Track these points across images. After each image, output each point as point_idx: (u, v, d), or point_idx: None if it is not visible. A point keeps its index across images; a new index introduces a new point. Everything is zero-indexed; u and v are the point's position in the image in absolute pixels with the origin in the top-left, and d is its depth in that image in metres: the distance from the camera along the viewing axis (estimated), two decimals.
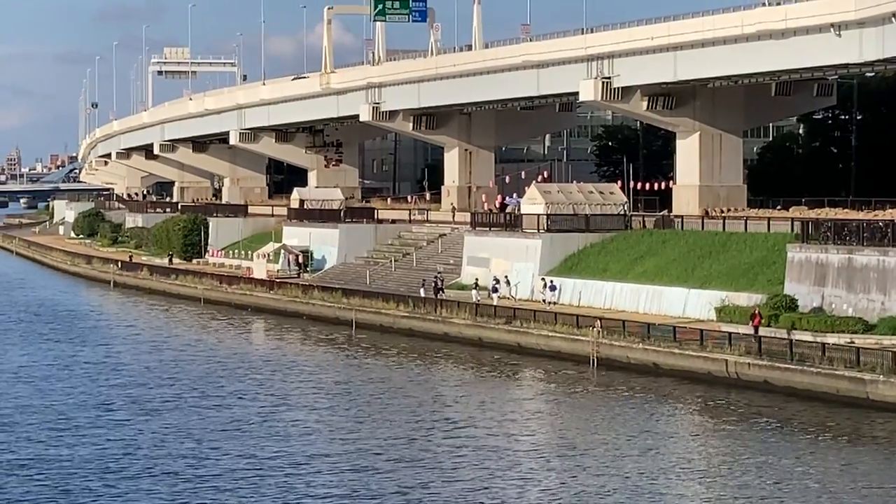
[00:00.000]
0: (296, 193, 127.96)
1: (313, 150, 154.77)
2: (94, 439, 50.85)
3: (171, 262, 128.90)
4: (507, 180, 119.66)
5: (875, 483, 43.44)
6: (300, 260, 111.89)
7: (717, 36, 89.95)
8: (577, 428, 53.54)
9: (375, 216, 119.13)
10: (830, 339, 61.63)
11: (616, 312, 77.82)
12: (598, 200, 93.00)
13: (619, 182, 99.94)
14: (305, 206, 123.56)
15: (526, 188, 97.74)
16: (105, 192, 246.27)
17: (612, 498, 41.68)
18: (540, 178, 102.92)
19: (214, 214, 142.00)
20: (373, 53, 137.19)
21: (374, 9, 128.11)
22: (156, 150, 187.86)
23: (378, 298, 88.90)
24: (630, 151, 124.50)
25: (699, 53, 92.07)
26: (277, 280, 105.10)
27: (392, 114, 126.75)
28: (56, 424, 53.92)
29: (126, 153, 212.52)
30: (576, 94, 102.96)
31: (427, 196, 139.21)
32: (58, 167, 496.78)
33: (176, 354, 77.00)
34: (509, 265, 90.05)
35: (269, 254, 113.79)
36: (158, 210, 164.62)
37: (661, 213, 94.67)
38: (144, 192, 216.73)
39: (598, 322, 70.27)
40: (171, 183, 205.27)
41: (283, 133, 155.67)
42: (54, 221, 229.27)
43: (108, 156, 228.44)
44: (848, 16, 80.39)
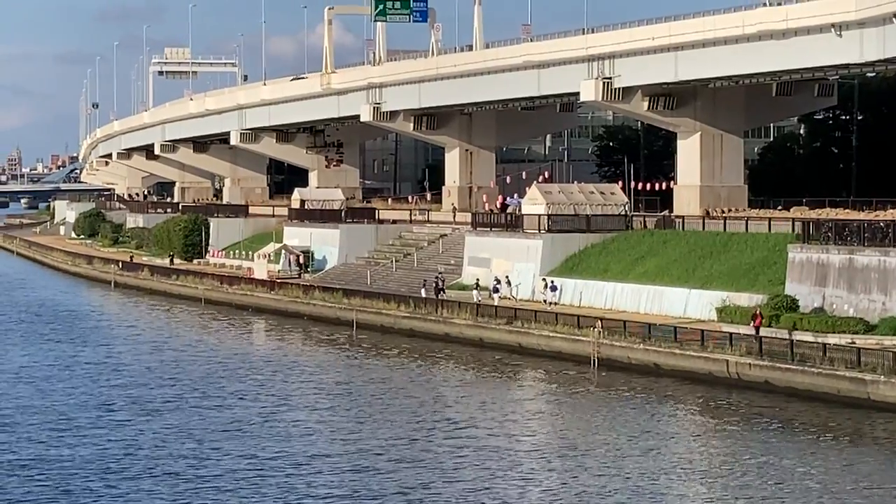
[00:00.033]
0: (296, 194, 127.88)
1: (314, 151, 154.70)
2: (95, 440, 50.85)
3: (173, 262, 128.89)
4: (508, 181, 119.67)
5: (876, 483, 43.44)
6: (301, 260, 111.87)
7: (717, 36, 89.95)
8: (578, 428, 53.55)
9: (376, 216, 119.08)
10: (831, 339, 61.61)
11: (617, 313, 77.80)
12: (599, 201, 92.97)
13: (619, 182, 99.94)
14: (306, 207, 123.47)
15: (527, 188, 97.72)
16: (106, 193, 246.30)
17: (613, 498, 41.68)
18: (541, 179, 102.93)
19: (215, 215, 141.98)
20: (373, 54, 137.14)
21: (375, 9, 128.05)
22: (156, 151, 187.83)
23: (379, 299, 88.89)
24: (631, 152, 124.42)
25: (700, 54, 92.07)
26: (278, 280, 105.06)
27: (393, 114, 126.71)
28: (57, 425, 53.93)
29: (127, 153, 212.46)
30: (577, 94, 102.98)
31: (428, 196, 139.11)
32: (58, 167, 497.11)
33: (177, 355, 77.00)
34: (510, 265, 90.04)
35: (269, 254, 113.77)
36: (159, 210, 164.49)
37: (661, 214, 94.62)
38: (145, 193, 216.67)
39: (599, 322, 70.26)
40: (172, 183, 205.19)
41: (283, 133, 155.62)
42: (55, 222, 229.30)
43: (109, 156, 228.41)
44: (849, 16, 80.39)
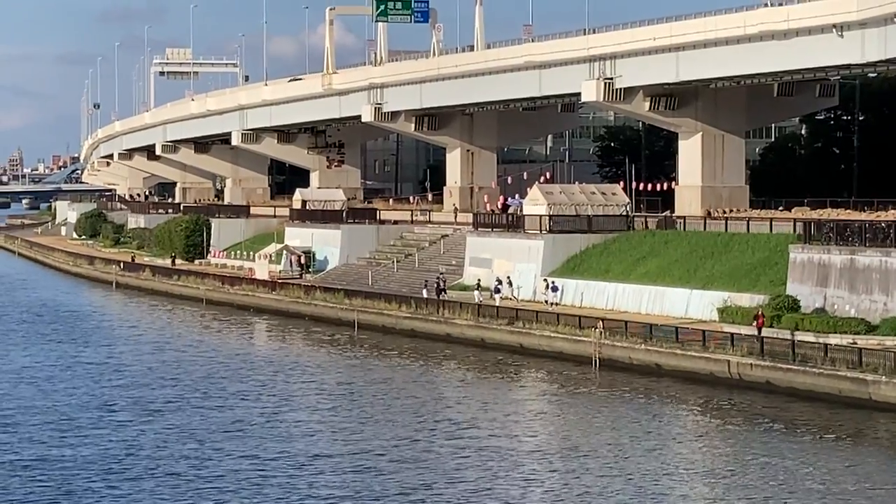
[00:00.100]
0: (298, 194, 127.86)
1: (315, 151, 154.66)
2: (97, 440, 50.86)
3: (174, 262, 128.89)
4: (510, 181, 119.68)
5: (878, 484, 43.44)
6: (302, 261, 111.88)
7: (719, 36, 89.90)
8: (580, 429, 53.54)
9: (377, 217, 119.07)
10: (833, 339, 61.60)
11: (618, 313, 77.77)
12: (601, 201, 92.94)
13: (621, 183, 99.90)
14: (307, 207, 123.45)
15: (528, 189, 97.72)
16: (107, 193, 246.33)
17: (615, 499, 41.68)
18: (542, 179, 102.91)
19: (216, 215, 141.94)
20: (375, 54, 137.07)
21: (376, 9, 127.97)
22: (158, 151, 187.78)
23: (380, 299, 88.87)
24: (632, 152, 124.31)
25: (701, 54, 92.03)
26: (279, 281, 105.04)
27: (394, 114, 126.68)
28: (59, 425, 53.94)
29: (128, 154, 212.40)
30: (578, 94, 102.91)
31: (429, 197, 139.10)
32: (60, 168, 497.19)
33: (178, 355, 76.99)
34: (511, 266, 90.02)
35: (271, 254, 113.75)
36: (160, 211, 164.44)
37: (663, 214, 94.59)
38: (146, 193, 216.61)
39: (601, 323, 70.26)
40: (173, 184, 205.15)
41: (285, 134, 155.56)
42: (56, 222, 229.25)
43: (111, 156, 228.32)
44: (850, 16, 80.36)
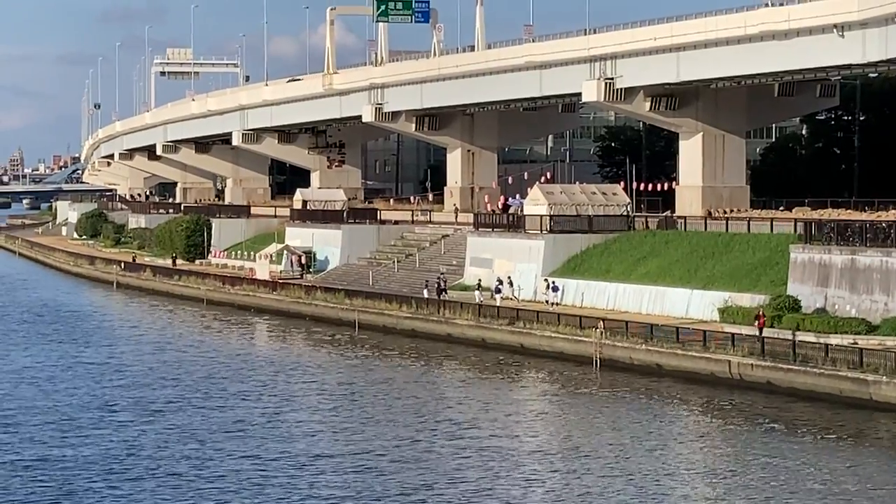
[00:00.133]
0: (299, 194, 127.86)
1: (316, 151, 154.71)
2: (98, 440, 50.87)
3: (175, 263, 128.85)
4: (510, 181, 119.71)
5: (879, 484, 43.43)
6: (303, 261, 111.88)
7: (720, 37, 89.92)
8: (581, 429, 53.54)
9: (378, 217, 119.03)
10: (833, 339, 61.61)
11: (619, 313, 77.78)
12: (601, 201, 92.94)
13: (621, 183, 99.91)
14: (308, 207, 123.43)
15: (529, 189, 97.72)
16: (108, 193, 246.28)
17: (616, 499, 41.68)
18: (543, 179, 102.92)
19: (217, 215, 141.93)
20: (375, 54, 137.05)
21: (377, 9, 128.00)
22: (158, 151, 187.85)
23: (381, 299, 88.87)
24: (633, 152, 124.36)
25: (702, 54, 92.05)
26: (280, 281, 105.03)
27: (395, 114, 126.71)
28: (59, 425, 53.95)
29: (129, 154, 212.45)
30: (578, 94, 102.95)
31: (430, 197, 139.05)
32: (60, 168, 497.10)
33: (179, 355, 77.00)
34: (512, 266, 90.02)
35: (271, 255, 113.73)
36: (161, 211, 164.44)
37: (664, 214, 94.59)
38: (147, 193, 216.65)
39: (601, 323, 70.26)
40: (174, 184, 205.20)
41: (285, 134, 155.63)
42: (57, 222, 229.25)
43: (111, 156, 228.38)
44: (851, 16, 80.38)
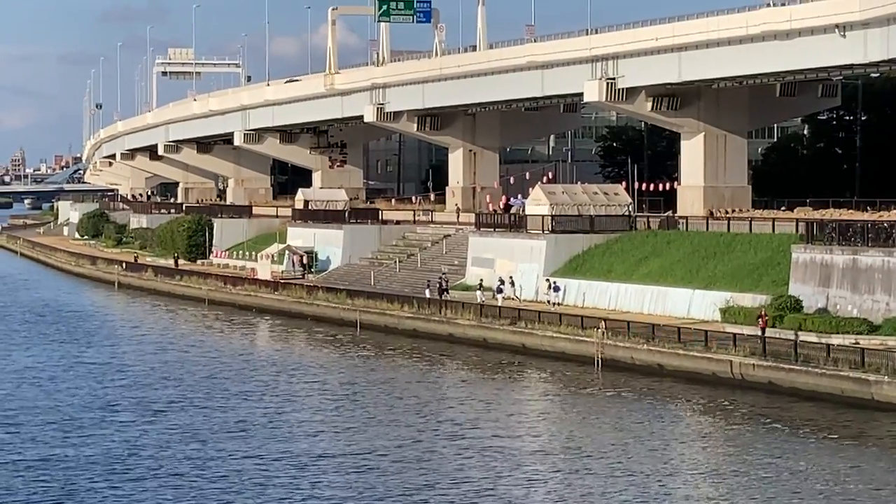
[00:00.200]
0: (300, 194, 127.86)
1: (318, 151, 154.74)
2: (100, 440, 50.88)
3: (177, 263, 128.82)
4: (512, 181, 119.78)
5: (881, 484, 43.41)
6: (304, 261, 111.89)
7: (721, 37, 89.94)
8: (583, 429, 53.54)
9: (380, 217, 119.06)
10: (835, 339, 61.63)
11: (620, 313, 77.80)
12: (603, 201, 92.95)
13: (623, 183, 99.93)
14: (310, 207, 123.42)
15: (530, 189, 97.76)
16: (109, 193, 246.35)
17: (618, 499, 41.67)
18: (544, 179, 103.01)
19: (219, 215, 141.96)
20: (377, 54, 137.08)
21: (379, 9, 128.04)
22: (160, 151, 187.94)
23: (382, 299, 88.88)
24: (634, 152, 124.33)
25: (704, 54, 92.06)
26: (282, 281, 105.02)
27: (396, 114, 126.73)
28: (61, 425, 53.95)
29: (130, 154, 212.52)
30: (580, 94, 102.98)
31: (431, 197, 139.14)
32: (62, 168, 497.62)
33: (181, 355, 77.02)
34: (514, 266, 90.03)
35: (273, 255, 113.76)
36: (163, 211, 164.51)
37: (665, 214, 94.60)
38: (149, 193, 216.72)
39: (603, 323, 70.27)
40: (176, 184, 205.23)
41: (287, 134, 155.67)
42: (58, 222, 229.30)
43: (113, 156, 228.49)
44: (853, 16, 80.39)
